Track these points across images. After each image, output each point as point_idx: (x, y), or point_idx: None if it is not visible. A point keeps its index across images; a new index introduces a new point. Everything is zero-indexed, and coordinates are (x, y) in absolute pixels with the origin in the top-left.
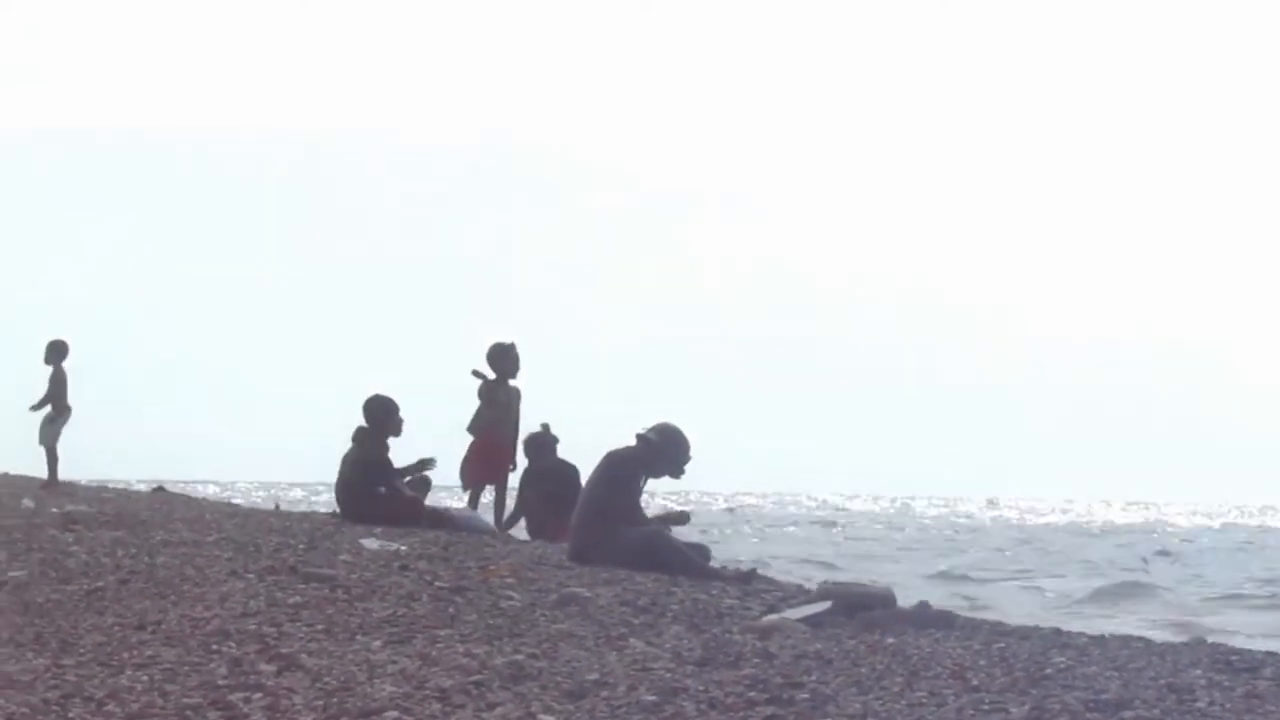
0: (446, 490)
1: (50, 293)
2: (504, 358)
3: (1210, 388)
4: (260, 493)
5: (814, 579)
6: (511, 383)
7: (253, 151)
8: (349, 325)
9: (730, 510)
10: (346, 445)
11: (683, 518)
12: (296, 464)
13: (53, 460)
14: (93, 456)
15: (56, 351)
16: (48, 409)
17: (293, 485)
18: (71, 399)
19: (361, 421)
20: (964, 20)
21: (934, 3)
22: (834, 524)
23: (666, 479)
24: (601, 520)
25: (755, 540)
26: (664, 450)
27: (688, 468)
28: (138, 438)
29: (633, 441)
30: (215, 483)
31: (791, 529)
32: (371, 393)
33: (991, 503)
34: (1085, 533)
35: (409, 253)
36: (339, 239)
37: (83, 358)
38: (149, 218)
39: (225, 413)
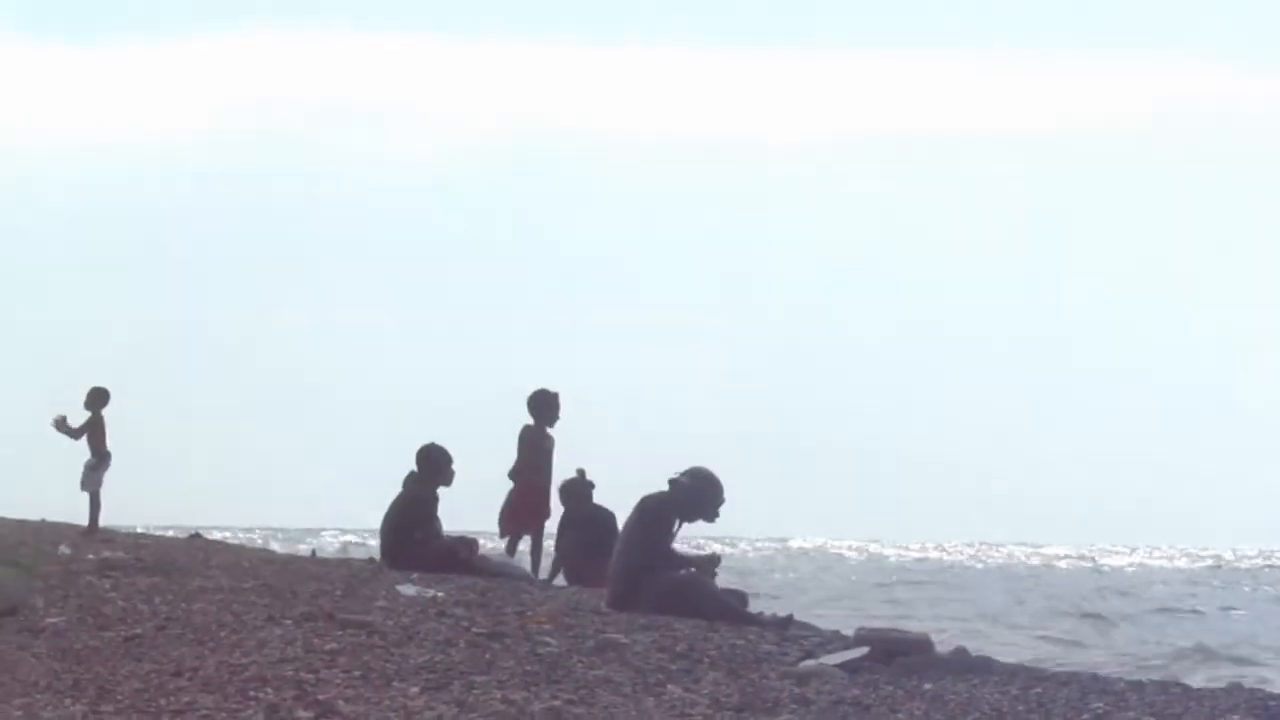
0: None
1: (90, 335)
2: (548, 404)
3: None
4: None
5: (852, 624)
6: (549, 430)
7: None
8: (391, 371)
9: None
10: (389, 491)
11: (714, 561)
12: (335, 511)
13: (95, 506)
14: (130, 503)
15: (97, 398)
16: (88, 456)
17: (328, 530)
18: (110, 445)
19: (413, 467)
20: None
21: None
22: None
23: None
24: (637, 567)
25: (799, 585)
26: (697, 494)
27: (721, 510)
28: (175, 484)
29: (665, 486)
30: (252, 529)
31: (831, 573)
32: (427, 440)
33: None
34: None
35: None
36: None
37: (121, 401)
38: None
39: (262, 458)
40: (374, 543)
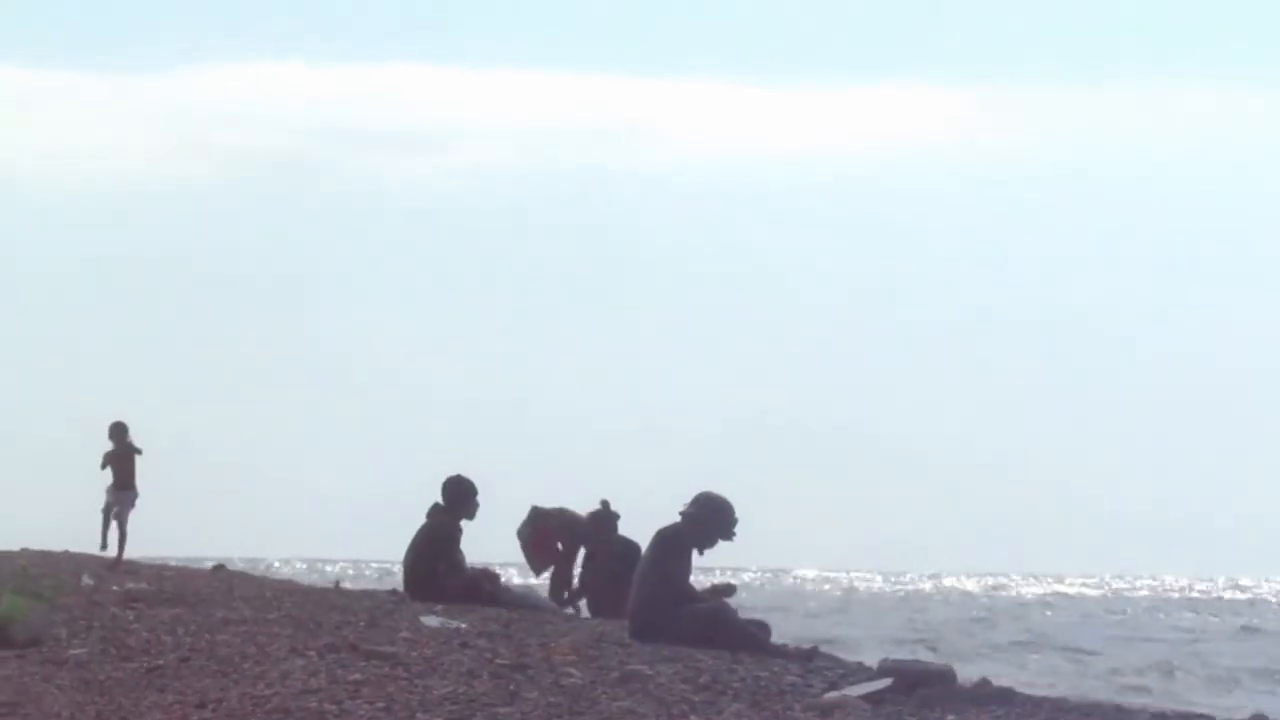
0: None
1: (113, 370)
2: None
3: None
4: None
5: (875, 656)
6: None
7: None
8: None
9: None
10: (414, 523)
11: (729, 590)
12: (359, 542)
13: (122, 538)
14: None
15: (120, 431)
16: (110, 486)
17: (351, 561)
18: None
19: (437, 498)
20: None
21: None
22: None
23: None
24: (656, 599)
25: (821, 615)
26: (707, 520)
27: (737, 529)
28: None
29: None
30: (275, 560)
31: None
32: (454, 473)
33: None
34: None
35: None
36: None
37: (144, 435)
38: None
39: (286, 490)
40: (398, 573)
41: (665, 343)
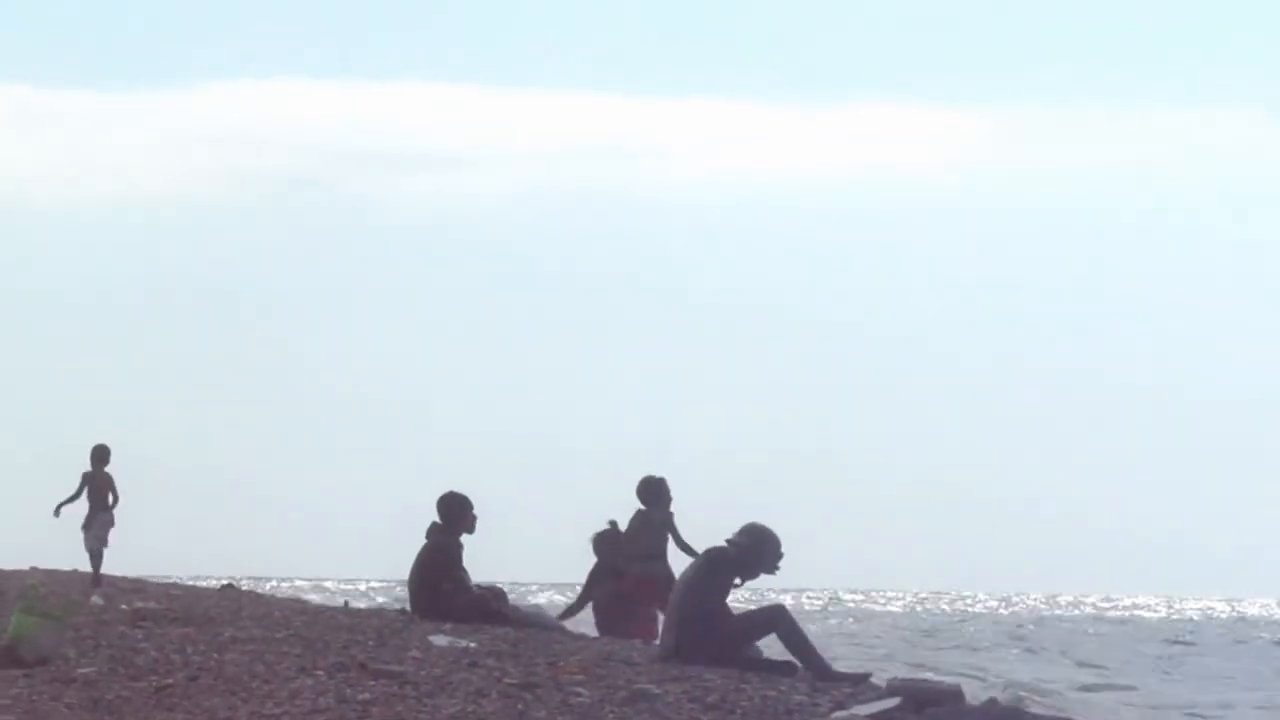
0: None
1: (121, 388)
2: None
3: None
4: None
5: (883, 674)
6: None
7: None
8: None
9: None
10: (419, 542)
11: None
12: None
13: (98, 559)
14: (162, 554)
15: (101, 455)
16: (85, 510)
17: (359, 581)
18: (132, 497)
19: (436, 518)
20: None
21: None
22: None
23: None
24: (696, 619)
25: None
26: (756, 551)
27: (782, 564)
28: (207, 535)
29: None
30: (284, 579)
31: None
32: (446, 489)
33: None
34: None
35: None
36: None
37: (151, 455)
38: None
39: (294, 510)
40: (404, 592)
41: (670, 362)
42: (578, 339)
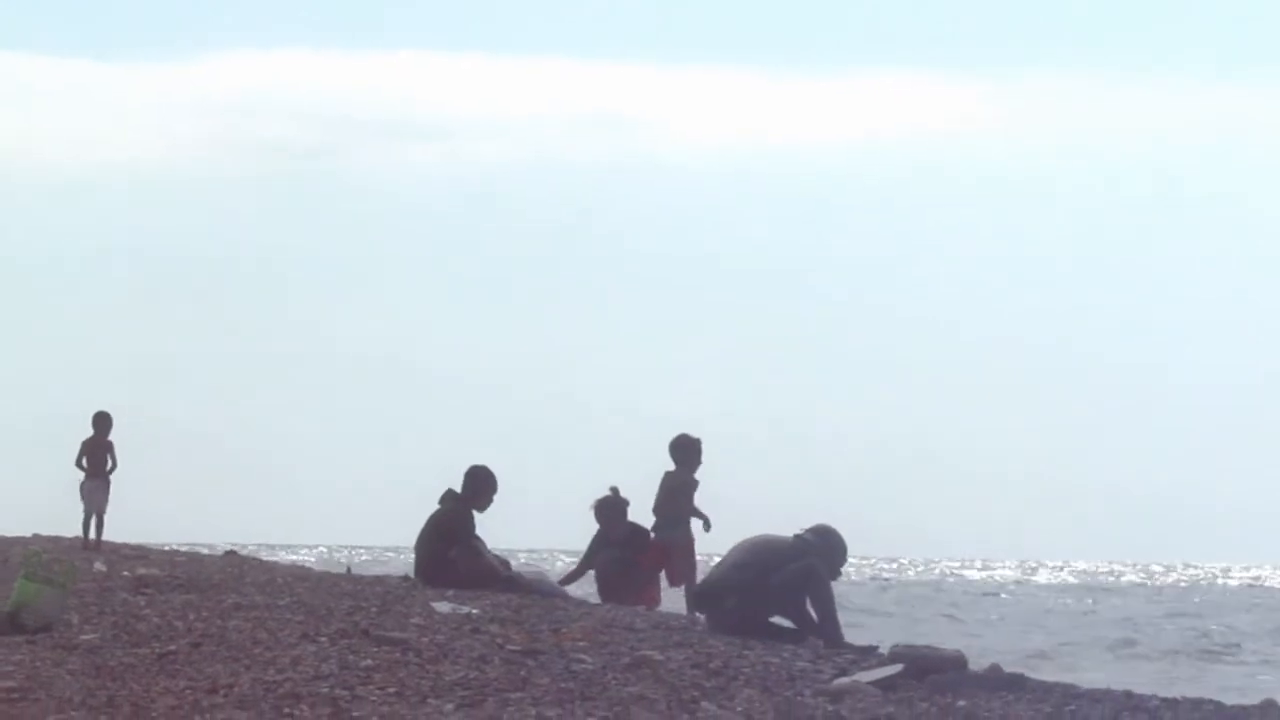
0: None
1: (126, 357)
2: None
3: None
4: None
5: (886, 642)
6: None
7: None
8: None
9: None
10: (427, 510)
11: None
12: (370, 528)
13: (100, 525)
14: (165, 520)
15: (103, 421)
16: (83, 475)
17: (364, 548)
18: (135, 464)
19: (451, 485)
20: None
21: None
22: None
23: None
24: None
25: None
26: (825, 554)
27: (844, 570)
28: (209, 502)
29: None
30: (287, 546)
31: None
32: (476, 462)
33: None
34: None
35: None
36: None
37: (154, 422)
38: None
39: (298, 476)
40: (409, 559)
41: (672, 329)
42: (579, 306)
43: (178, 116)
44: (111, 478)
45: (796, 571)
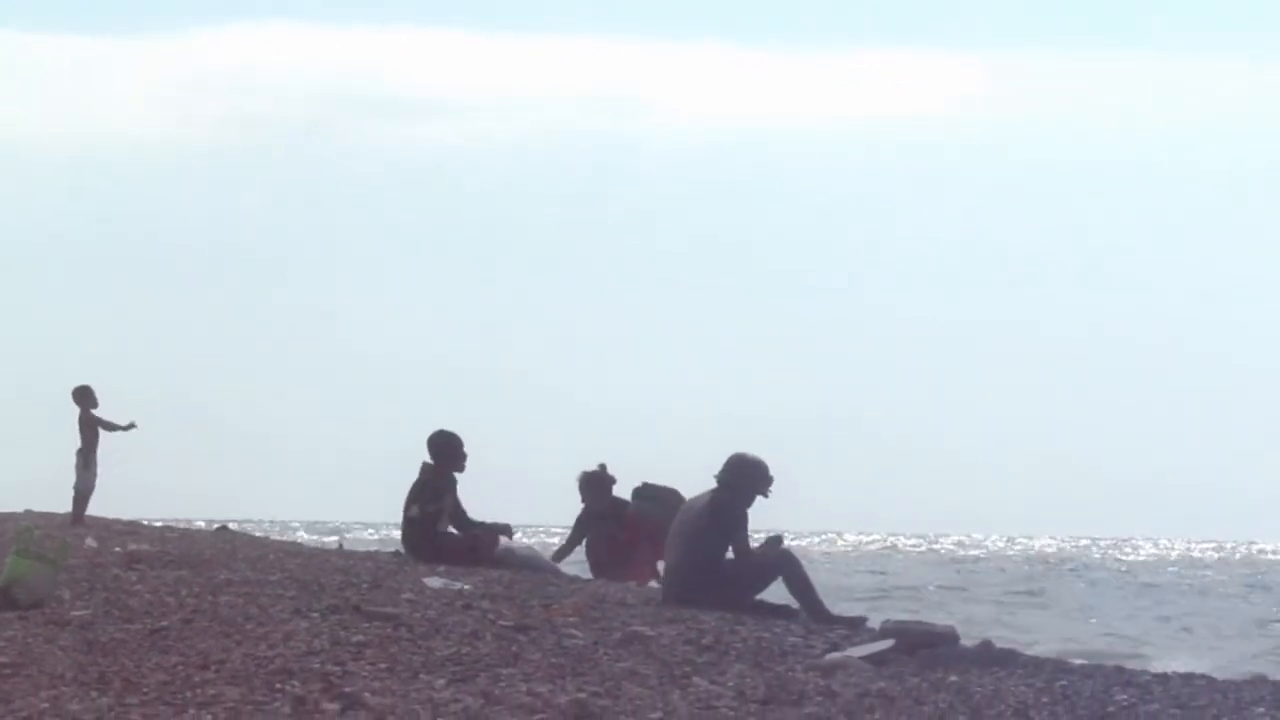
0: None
1: (115, 333)
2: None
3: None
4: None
5: (877, 617)
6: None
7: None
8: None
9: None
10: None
11: (779, 540)
12: (361, 504)
13: (82, 500)
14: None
15: (81, 396)
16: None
17: (356, 524)
18: (128, 440)
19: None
20: None
21: None
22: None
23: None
24: (698, 567)
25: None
26: (743, 483)
27: (772, 488)
28: (201, 477)
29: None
30: (279, 522)
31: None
32: (436, 428)
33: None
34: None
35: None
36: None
37: (146, 397)
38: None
39: (290, 452)
40: (398, 534)
41: (667, 311)
42: (580, 284)
43: (166, 92)
44: (98, 454)
45: (761, 569)
